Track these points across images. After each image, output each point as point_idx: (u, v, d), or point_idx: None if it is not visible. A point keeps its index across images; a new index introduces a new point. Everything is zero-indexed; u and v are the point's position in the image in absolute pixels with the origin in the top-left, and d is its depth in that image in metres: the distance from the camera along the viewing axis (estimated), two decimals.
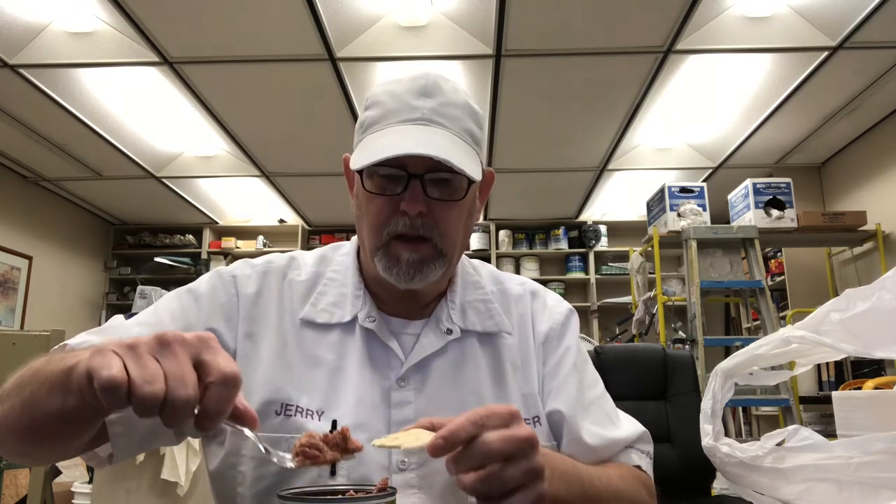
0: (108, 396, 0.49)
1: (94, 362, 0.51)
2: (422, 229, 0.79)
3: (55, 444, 0.64)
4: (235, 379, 0.53)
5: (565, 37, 3.16)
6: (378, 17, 3.09)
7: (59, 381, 0.57)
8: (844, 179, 4.58)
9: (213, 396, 0.53)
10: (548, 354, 0.90)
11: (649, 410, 2.13)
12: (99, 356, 0.51)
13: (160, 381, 0.50)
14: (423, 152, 0.74)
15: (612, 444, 0.85)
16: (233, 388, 0.53)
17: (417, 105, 0.80)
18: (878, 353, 0.89)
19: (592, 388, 0.90)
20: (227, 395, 0.53)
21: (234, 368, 0.54)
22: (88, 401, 0.54)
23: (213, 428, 0.54)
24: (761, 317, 3.52)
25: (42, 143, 4.23)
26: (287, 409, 0.78)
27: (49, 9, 2.98)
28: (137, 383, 0.49)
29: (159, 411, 0.51)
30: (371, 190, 0.80)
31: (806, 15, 3.05)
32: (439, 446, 0.58)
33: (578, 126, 4.14)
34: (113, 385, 0.49)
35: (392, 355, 0.83)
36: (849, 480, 0.83)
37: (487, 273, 0.96)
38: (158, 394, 0.50)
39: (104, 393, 0.49)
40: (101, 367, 0.50)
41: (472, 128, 0.83)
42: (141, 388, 0.49)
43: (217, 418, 0.53)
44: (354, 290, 0.86)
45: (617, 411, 0.91)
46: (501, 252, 6.06)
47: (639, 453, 0.87)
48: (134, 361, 0.51)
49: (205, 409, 0.53)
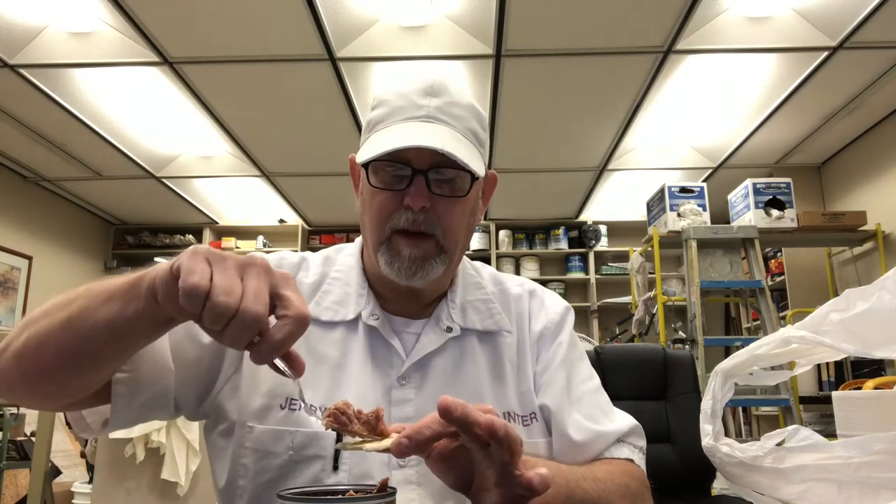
0: (187, 299, 0.52)
1: (186, 264, 0.54)
2: (424, 225, 0.80)
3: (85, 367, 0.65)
4: (307, 320, 0.55)
5: (565, 37, 3.16)
6: (378, 18, 3.09)
7: (122, 290, 0.60)
8: (844, 179, 4.58)
9: (281, 329, 0.54)
10: (541, 351, 0.91)
11: (649, 410, 2.13)
12: (192, 259, 0.54)
13: (237, 296, 0.53)
14: (428, 145, 0.75)
15: (601, 437, 0.85)
16: (302, 328, 0.55)
17: (423, 103, 0.81)
18: (878, 353, 0.89)
19: (585, 383, 0.90)
20: (294, 333, 0.55)
21: (307, 311, 0.56)
22: (152, 308, 0.58)
23: (267, 360, 0.55)
24: (761, 317, 3.52)
25: (42, 143, 4.23)
26: (292, 403, 0.79)
27: (49, 9, 2.98)
28: (216, 292, 0.52)
29: (227, 323, 0.53)
30: (376, 185, 0.81)
31: (806, 15, 3.05)
32: (403, 445, 0.58)
33: (578, 126, 4.14)
34: (196, 290, 0.52)
35: (394, 353, 0.84)
36: (849, 480, 0.83)
37: (488, 274, 0.97)
38: (232, 306, 0.52)
39: (186, 296, 0.52)
40: (191, 272, 0.53)
41: (476, 128, 0.85)
42: (218, 296, 0.52)
43: (276, 352, 0.55)
44: (358, 288, 0.88)
45: (611, 407, 0.91)
46: (501, 252, 6.06)
47: (630, 447, 0.87)
48: (220, 272, 0.54)
49: (268, 340, 0.54)
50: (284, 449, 0.77)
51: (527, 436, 0.84)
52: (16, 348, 0.66)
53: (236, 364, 0.81)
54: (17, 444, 3.05)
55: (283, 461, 0.77)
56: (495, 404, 0.84)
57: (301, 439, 0.77)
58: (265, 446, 0.77)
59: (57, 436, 3.66)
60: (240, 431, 0.79)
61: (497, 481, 0.58)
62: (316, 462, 0.76)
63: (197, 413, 0.83)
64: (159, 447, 2.47)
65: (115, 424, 0.75)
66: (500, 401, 0.85)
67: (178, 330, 0.77)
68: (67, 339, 0.63)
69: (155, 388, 0.76)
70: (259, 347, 0.55)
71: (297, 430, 0.77)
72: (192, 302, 0.53)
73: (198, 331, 0.79)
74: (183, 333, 0.78)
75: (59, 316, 0.64)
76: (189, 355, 0.78)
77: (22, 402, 0.72)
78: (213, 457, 0.83)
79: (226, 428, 0.81)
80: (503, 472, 0.57)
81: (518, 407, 0.86)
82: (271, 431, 0.77)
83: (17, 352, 0.66)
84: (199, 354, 0.79)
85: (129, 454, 2.46)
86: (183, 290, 0.52)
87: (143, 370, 0.74)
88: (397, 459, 0.76)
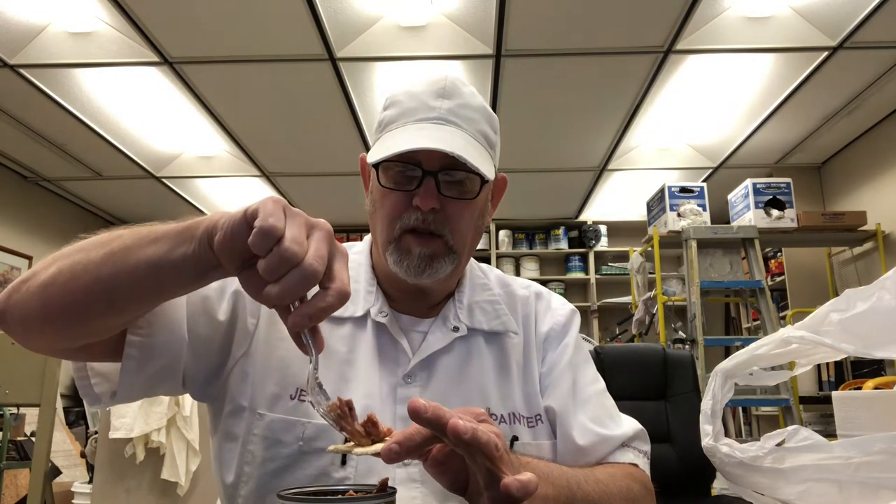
0: (261, 238, 0.53)
1: (267, 208, 0.55)
2: (433, 225, 0.80)
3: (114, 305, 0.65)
4: (348, 296, 0.56)
5: (565, 37, 3.16)
6: (378, 18, 3.09)
7: (172, 232, 0.61)
8: (844, 179, 4.58)
9: (323, 298, 0.55)
10: (546, 353, 0.91)
11: (649, 410, 2.13)
12: (273, 205, 0.55)
13: (304, 248, 0.54)
14: (438, 147, 0.76)
15: (606, 441, 0.85)
16: (341, 302, 0.56)
17: (435, 105, 0.82)
18: (878, 353, 0.90)
19: (590, 386, 0.91)
20: (334, 305, 0.56)
21: (349, 289, 0.57)
22: (203, 253, 0.59)
23: (303, 326, 0.56)
24: (761, 317, 3.52)
25: (42, 143, 4.23)
26: (301, 393, 0.79)
27: (49, 9, 2.98)
28: (288, 239, 0.53)
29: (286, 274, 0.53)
30: (386, 185, 0.81)
31: (806, 15, 3.05)
32: (393, 451, 0.57)
33: (578, 126, 4.14)
34: (273, 231, 0.53)
35: (401, 351, 0.84)
36: (849, 480, 0.84)
37: (495, 276, 0.98)
38: (299, 254, 0.53)
39: (261, 234, 0.53)
40: (271, 214, 0.54)
41: (488, 131, 0.85)
42: (289, 242, 0.53)
43: (314, 319, 0.55)
44: (367, 286, 0.88)
45: (617, 410, 0.91)
46: (501, 252, 6.06)
47: (635, 451, 0.87)
48: (293, 224, 0.55)
49: (310, 304, 0.55)
50: (294, 439, 0.77)
51: (532, 437, 0.84)
52: (44, 279, 0.65)
53: (245, 347, 0.81)
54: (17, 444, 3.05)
55: (291, 451, 0.77)
56: (500, 405, 0.84)
57: (312, 431, 0.77)
58: (275, 434, 0.78)
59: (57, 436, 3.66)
60: (250, 417, 0.79)
61: (485, 485, 0.57)
62: (325, 455, 0.77)
63: (205, 393, 0.82)
64: (159, 447, 2.47)
65: (123, 392, 0.74)
66: (505, 401, 0.85)
67: (196, 302, 0.78)
68: (105, 274, 0.63)
69: (167, 356, 0.75)
70: (299, 310, 0.55)
71: (308, 422, 0.77)
72: (264, 241, 0.53)
73: (213, 307, 0.80)
74: (199, 307, 0.78)
75: (98, 251, 0.64)
76: (203, 331, 0.79)
77: (25, 337, 0.69)
78: (219, 442, 0.83)
79: (234, 410, 0.80)
80: (488, 476, 0.56)
81: (524, 408, 0.86)
82: (282, 420, 0.78)
83: (44, 282, 0.65)
84: (211, 332, 0.79)
85: (129, 454, 2.46)
86: (260, 228, 0.53)
87: (157, 336, 0.74)
88: None
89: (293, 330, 0.57)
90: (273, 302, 0.55)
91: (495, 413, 0.83)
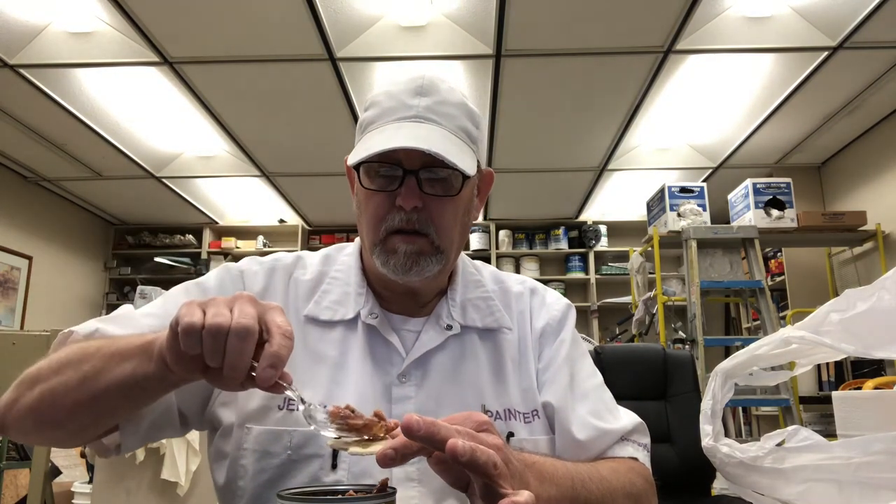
0: (186, 338, 0.57)
1: (181, 311, 0.59)
2: (417, 224, 0.80)
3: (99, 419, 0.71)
4: (290, 334, 0.60)
5: (565, 37, 3.16)
6: (378, 18, 3.09)
7: (136, 351, 0.65)
8: (844, 179, 4.58)
9: (271, 344, 0.58)
10: (543, 348, 0.91)
11: (649, 410, 2.13)
12: (186, 307, 0.59)
13: (227, 318, 0.58)
14: (415, 145, 0.75)
15: (605, 435, 0.85)
16: (288, 340, 0.59)
17: (413, 103, 0.81)
18: (878, 353, 0.90)
19: (588, 380, 0.90)
20: (283, 344, 0.59)
21: (291, 327, 0.60)
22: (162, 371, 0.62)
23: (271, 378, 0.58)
24: (761, 317, 3.52)
25: (42, 143, 4.23)
26: (290, 403, 0.79)
27: (49, 9, 2.98)
28: (210, 316, 0.57)
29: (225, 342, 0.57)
30: (368, 187, 0.81)
31: (806, 15, 3.05)
32: (388, 457, 0.57)
33: (578, 126, 4.14)
34: (192, 327, 0.57)
35: (393, 351, 0.84)
36: (849, 480, 0.83)
37: (489, 273, 0.97)
38: (225, 324, 0.57)
39: (184, 335, 0.57)
40: (185, 314, 0.58)
41: (468, 126, 0.84)
42: (212, 320, 0.57)
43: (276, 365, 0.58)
44: (357, 288, 0.88)
45: (615, 404, 0.91)
46: (501, 252, 6.06)
47: (635, 445, 0.87)
48: (211, 307, 0.59)
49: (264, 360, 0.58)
50: (282, 449, 0.77)
51: (529, 433, 0.84)
52: (29, 403, 0.71)
53: None
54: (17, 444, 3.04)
55: (281, 461, 0.77)
56: (496, 401, 0.84)
57: (299, 439, 0.77)
58: (263, 446, 0.78)
59: None
60: (238, 433, 0.79)
61: (482, 494, 0.57)
62: (314, 461, 0.77)
63: (202, 422, 0.84)
64: (159, 447, 2.47)
65: (127, 448, 0.78)
66: (501, 398, 0.85)
67: None
68: (83, 398, 0.68)
69: (159, 408, 0.78)
70: (258, 370, 0.58)
71: (294, 430, 0.78)
72: (191, 337, 0.57)
73: None
74: None
75: (73, 376, 0.68)
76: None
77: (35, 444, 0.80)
78: (212, 459, 0.84)
79: (224, 430, 0.81)
80: (486, 490, 0.57)
81: (520, 404, 0.85)
82: (269, 432, 0.78)
83: (31, 406, 0.71)
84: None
85: (128, 454, 2.46)
86: (182, 329, 0.57)
87: None
88: None
89: (264, 386, 0.59)
90: (235, 378, 0.58)
91: (490, 410, 0.83)
